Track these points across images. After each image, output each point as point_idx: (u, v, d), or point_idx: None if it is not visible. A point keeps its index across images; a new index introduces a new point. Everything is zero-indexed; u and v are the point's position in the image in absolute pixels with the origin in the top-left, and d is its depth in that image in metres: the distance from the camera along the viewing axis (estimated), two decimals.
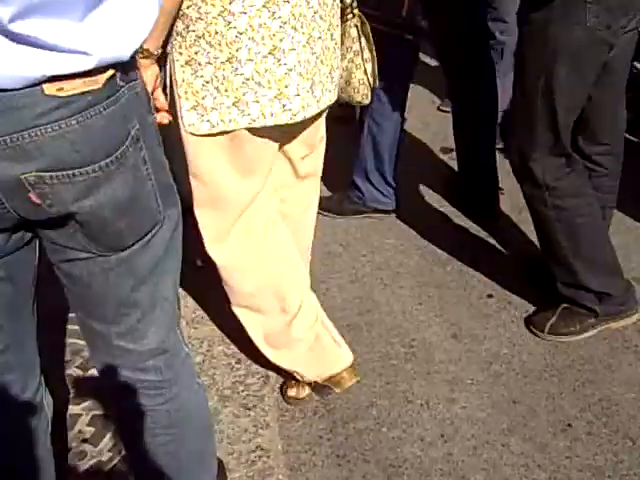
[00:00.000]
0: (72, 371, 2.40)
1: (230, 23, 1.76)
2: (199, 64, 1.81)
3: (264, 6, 1.76)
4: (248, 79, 1.81)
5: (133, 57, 1.19)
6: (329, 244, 3.04)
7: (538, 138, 2.28)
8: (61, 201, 1.19)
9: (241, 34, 1.77)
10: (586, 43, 2.11)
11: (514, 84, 2.33)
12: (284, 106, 1.86)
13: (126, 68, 1.18)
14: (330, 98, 1.97)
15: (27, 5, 1.03)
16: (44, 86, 1.10)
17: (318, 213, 3.11)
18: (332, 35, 1.92)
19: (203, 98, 1.83)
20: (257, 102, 1.83)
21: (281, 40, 1.79)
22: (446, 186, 3.37)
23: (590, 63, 2.17)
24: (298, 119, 1.89)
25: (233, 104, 1.84)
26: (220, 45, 1.78)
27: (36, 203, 1.19)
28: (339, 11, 1.96)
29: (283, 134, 2.00)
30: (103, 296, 1.37)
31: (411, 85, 3.15)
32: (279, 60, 1.81)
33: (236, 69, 1.79)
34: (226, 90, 1.82)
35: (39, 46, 1.07)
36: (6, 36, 1.05)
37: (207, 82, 1.82)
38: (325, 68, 1.91)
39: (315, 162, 2.22)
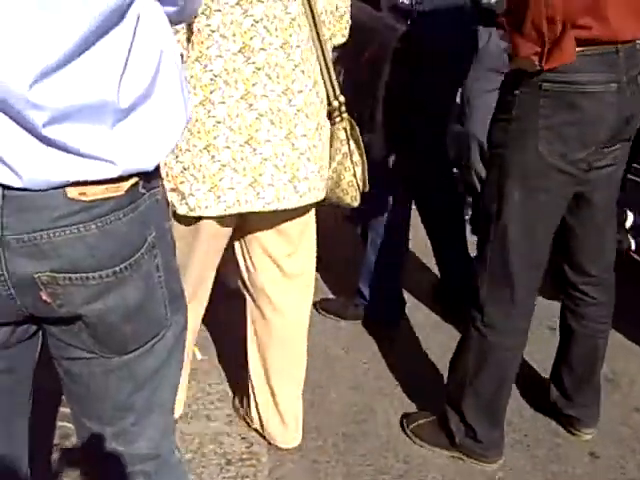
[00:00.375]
0: (58, 456, 2.35)
1: (210, 112, 1.84)
2: (180, 149, 1.87)
3: (242, 98, 1.84)
4: (225, 165, 1.87)
5: (157, 166, 1.21)
6: (331, 348, 3.01)
7: (488, 262, 2.21)
8: (71, 302, 1.19)
9: (219, 123, 1.84)
10: (538, 170, 2.07)
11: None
12: (258, 194, 1.91)
13: (149, 176, 1.20)
14: (317, 196, 2.02)
15: (61, 111, 1.06)
16: (67, 189, 1.11)
17: (322, 315, 3.14)
18: (320, 135, 1.98)
19: (182, 183, 1.89)
20: (232, 189, 1.89)
21: (257, 131, 1.86)
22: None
23: (547, 192, 2.10)
24: (271, 208, 1.94)
25: (209, 190, 1.89)
26: (199, 133, 1.85)
27: (46, 302, 1.19)
28: (324, 111, 2.02)
29: (259, 222, 2.07)
30: (100, 397, 1.35)
31: None
32: (255, 150, 1.87)
33: (213, 156, 1.86)
34: (203, 177, 1.88)
35: (68, 151, 1.09)
36: (38, 139, 1.07)
37: (186, 169, 1.88)
38: (313, 166, 1.97)
39: (302, 262, 2.25)
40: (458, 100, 3.84)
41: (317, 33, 1.91)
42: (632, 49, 2.05)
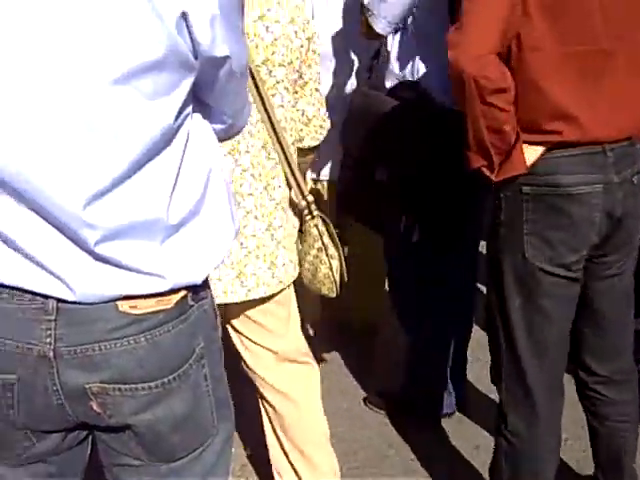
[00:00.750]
0: None
1: None
2: None
3: None
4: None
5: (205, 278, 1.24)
6: (379, 444, 2.96)
7: (503, 372, 2.13)
8: (120, 413, 1.22)
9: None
10: (531, 275, 1.98)
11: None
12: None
13: (198, 288, 1.24)
14: (266, 291, 2.10)
15: (113, 230, 1.11)
16: (118, 303, 1.15)
17: (370, 410, 3.11)
18: (272, 235, 2.08)
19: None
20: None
21: None
22: None
23: (549, 297, 2.01)
24: (218, 302, 1.92)
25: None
26: None
27: (96, 412, 1.22)
28: (280, 212, 2.10)
29: (230, 312, 2.15)
30: None
31: None
32: None
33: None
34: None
35: (119, 266, 1.13)
36: (91, 255, 1.12)
37: None
38: (262, 263, 2.07)
39: (285, 342, 2.26)
40: None
41: (277, 139, 2.01)
42: (627, 148, 1.97)
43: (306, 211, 2.12)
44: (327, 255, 2.15)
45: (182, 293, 1.20)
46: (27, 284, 1.14)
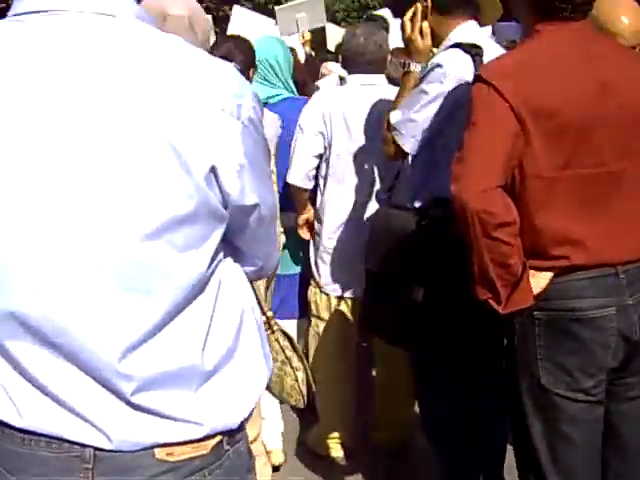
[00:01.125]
0: None
1: None
2: None
3: None
4: None
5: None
6: None
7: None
8: None
9: None
10: (548, 401, 1.92)
11: None
12: None
13: (233, 431, 1.23)
14: None
15: (149, 380, 1.12)
16: (155, 450, 1.15)
17: None
18: None
19: None
20: None
21: None
22: None
23: (565, 421, 1.93)
24: None
25: None
26: None
27: None
28: None
29: None
30: None
31: None
32: None
33: None
34: None
35: (155, 415, 1.14)
36: (127, 405, 1.13)
37: None
38: None
39: None
40: None
41: None
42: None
43: (266, 326, 2.13)
44: (292, 367, 2.16)
45: (218, 438, 1.20)
46: (65, 433, 1.15)
